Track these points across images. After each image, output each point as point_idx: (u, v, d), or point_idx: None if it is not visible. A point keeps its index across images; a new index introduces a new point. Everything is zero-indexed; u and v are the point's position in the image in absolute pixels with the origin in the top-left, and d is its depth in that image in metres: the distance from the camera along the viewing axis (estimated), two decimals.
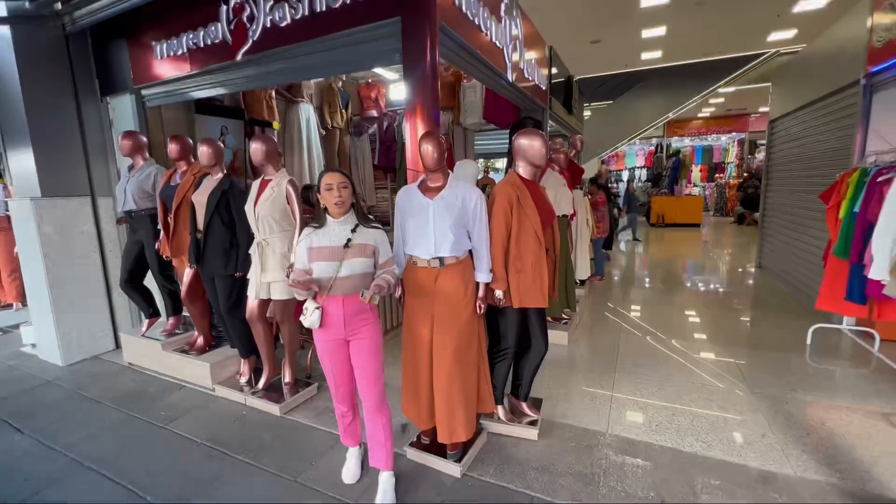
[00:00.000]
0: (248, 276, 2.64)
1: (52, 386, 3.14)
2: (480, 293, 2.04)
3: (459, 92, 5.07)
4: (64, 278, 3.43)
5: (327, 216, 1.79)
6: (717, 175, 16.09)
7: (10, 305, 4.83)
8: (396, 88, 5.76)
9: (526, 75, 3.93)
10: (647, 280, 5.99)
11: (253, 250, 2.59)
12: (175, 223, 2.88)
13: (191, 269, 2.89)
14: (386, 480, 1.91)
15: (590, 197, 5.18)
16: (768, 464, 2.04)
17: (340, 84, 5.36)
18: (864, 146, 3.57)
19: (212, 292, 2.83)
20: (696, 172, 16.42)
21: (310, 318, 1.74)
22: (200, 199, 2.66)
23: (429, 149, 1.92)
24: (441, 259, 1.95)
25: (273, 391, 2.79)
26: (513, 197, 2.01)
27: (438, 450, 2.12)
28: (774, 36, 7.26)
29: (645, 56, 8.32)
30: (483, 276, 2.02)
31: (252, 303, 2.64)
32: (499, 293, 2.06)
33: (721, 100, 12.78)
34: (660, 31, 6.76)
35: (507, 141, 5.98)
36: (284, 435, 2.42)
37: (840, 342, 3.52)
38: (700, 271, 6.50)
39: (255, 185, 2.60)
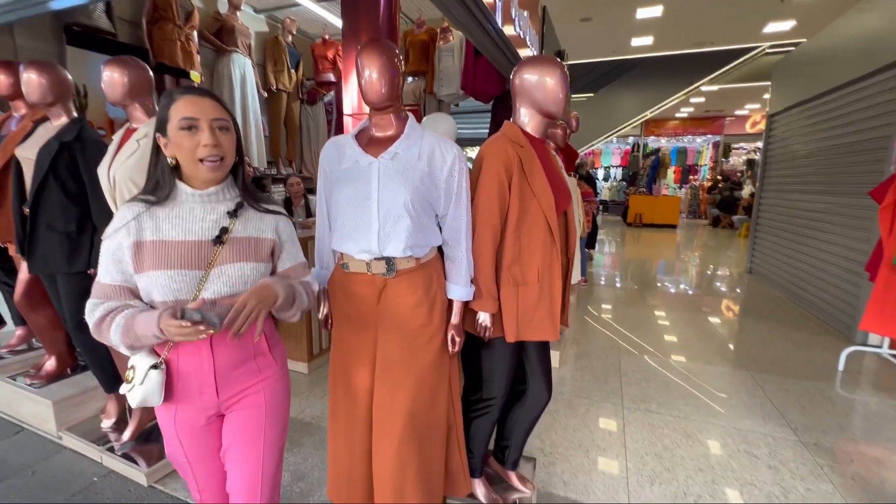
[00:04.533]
0: None
1: None
2: (455, 318, 1.25)
3: (434, 55, 4.25)
4: None
5: (179, 183, 0.92)
6: (691, 177, 16.04)
7: None
8: None
9: (518, 30, 3.16)
10: (633, 285, 5.41)
11: None
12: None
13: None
14: None
15: None
16: None
17: (290, 39, 4.41)
18: None
19: (55, 297, 1.90)
20: (670, 174, 16.31)
21: (140, 389, 0.88)
22: (26, 154, 1.73)
23: (372, 72, 1.11)
24: (389, 261, 1.15)
25: (146, 443, 1.91)
26: (513, 160, 1.22)
27: None
28: (771, 27, 6.82)
29: (635, 42, 7.74)
30: (460, 291, 1.23)
31: None
32: (484, 317, 1.28)
33: (702, 99, 12.52)
34: (656, 10, 6.14)
35: (489, 123, 5.23)
36: None
37: (879, 369, 2.97)
38: (689, 276, 6.00)
39: (117, 137, 1.71)
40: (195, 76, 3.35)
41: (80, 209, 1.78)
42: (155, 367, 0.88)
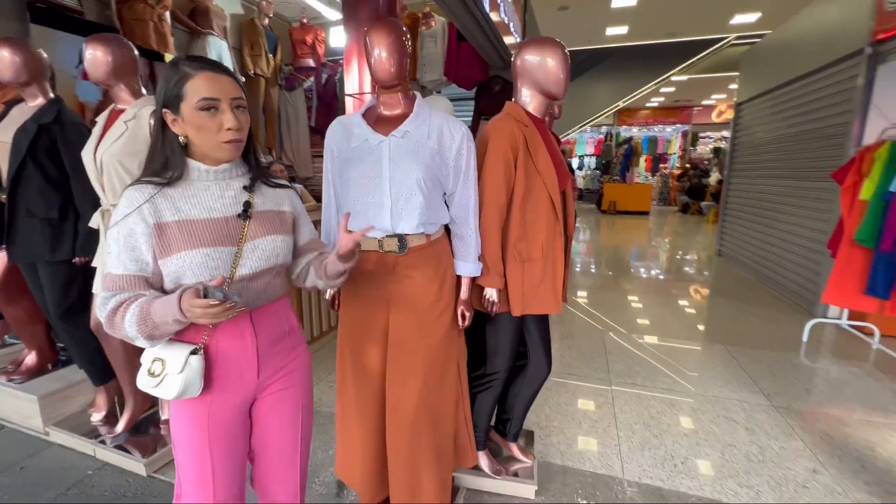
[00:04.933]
0: (93, 264, 1.69)
1: None
2: (464, 294, 1.29)
3: (417, 41, 4.20)
4: None
5: (190, 161, 0.87)
6: (661, 165, 16.55)
7: None
8: (338, 33, 4.75)
9: (503, 16, 3.17)
10: (610, 270, 5.60)
11: (97, 222, 1.64)
12: None
13: (2, 252, 1.87)
14: None
15: None
16: None
17: (266, 22, 4.27)
18: (864, 122, 3.26)
19: (36, 288, 1.83)
20: (641, 162, 16.78)
21: (180, 378, 0.80)
22: (2, 137, 1.64)
23: (382, 51, 1.11)
24: (402, 238, 1.17)
25: (140, 435, 1.87)
26: (518, 139, 1.26)
27: None
28: (738, 19, 7.08)
29: (610, 31, 7.88)
30: (469, 268, 1.27)
31: None
32: (491, 293, 1.33)
33: (672, 89, 12.88)
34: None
35: (471, 112, 5.23)
36: None
37: (839, 339, 3.21)
38: (663, 260, 6.26)
39: (101, 119, 1.64)
40: (169, 59, 3.20)
41: (61, 195, 1.71)
42: (195, 352, 0.83)
